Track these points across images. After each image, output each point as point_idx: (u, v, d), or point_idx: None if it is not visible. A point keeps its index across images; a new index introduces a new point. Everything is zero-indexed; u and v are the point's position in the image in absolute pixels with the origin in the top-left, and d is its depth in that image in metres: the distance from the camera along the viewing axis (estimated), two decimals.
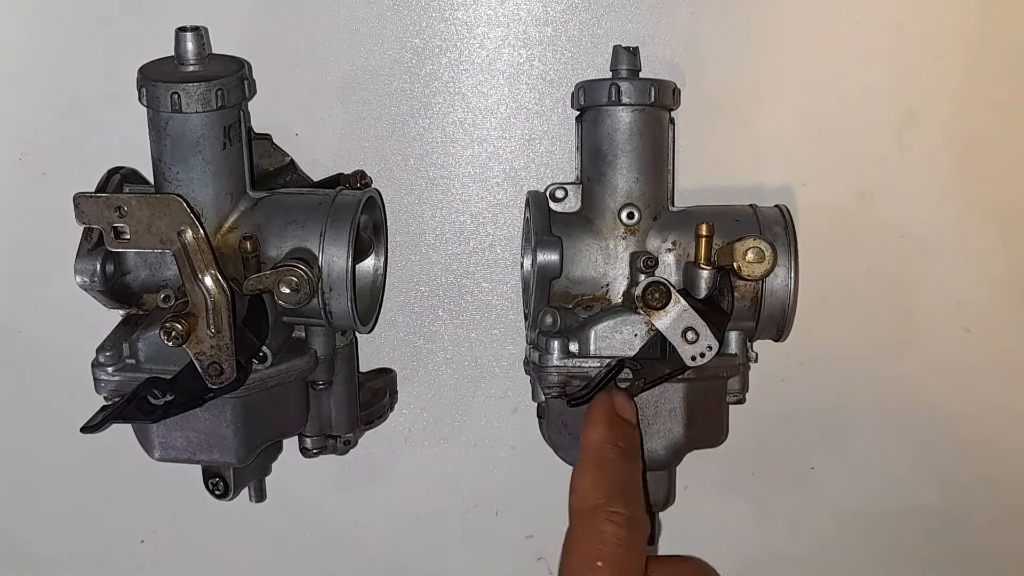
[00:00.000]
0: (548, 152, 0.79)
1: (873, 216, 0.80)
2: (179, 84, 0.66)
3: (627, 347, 0.69)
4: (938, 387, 0.84)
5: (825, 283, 0.80)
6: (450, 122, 0.78)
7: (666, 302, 0.67)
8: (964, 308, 0.82)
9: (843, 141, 0.79)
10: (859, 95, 0.78)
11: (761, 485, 0.86)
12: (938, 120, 0.79)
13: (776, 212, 0.73)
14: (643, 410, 0.71)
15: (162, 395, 0.66)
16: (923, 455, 0.85)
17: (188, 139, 0.68)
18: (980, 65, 0.78)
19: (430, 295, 0.81)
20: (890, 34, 0.77)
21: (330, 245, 0.68)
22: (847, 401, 0.84)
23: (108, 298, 0.70)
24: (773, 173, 0.79)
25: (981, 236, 0.81)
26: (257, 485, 0.78)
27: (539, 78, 0.78)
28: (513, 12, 0.77)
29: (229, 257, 0.68)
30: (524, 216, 0.77)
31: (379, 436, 0.82)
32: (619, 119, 0.71)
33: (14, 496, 0.86)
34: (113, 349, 0.69)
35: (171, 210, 0.63)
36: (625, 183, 0.71)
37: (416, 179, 0.79)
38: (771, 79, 0.78)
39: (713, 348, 0.67)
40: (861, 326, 0.82)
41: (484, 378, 0.82)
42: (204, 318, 0.64)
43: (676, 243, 0.71)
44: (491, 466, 0.85)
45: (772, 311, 0.71)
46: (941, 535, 0.87)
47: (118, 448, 0.75)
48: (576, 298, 0.72)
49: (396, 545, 0.87)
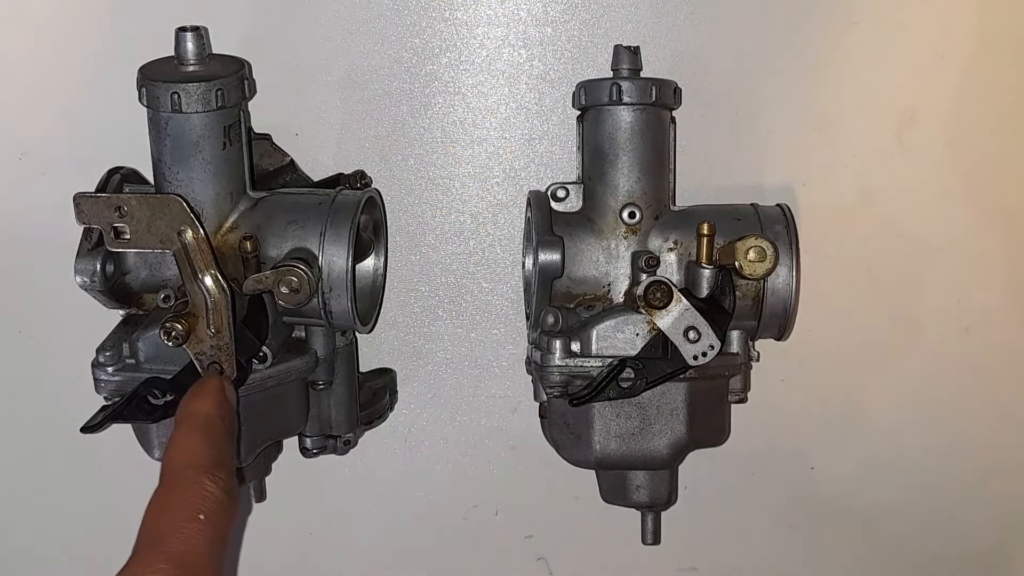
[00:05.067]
0: (548, 152, 0.79)
1: (873, 216, 0.80)
2: (179, 84, 0.66)
3: (629, 346, 0.69)
4: (938, 387, 0.84)
5: (825, 283, 0.80)
6: (450, 122, 0.78)
7: (668, 301, 0.67)
8: (964, 308, 0.82)
9: (843, 141, 0.79)
10: (859, 95, 0.78)
11: (761, 485, 0.86)
12: (938, 120, 0.79)
13: (777, 211, 0.73)
14: (645, 409, 0.71)
15: (162, 395, 0.66)
16: (923, 455, 0.85)
17: (188, 139, 0.67)
18: (980, 65, 0.78)
19: (430, 295, 0.81)
20: (890, 34, 0.77)
21: (330, 245, 0.68)
22: (847, 401, 0.84)
23: (108, 298, 0.70)
24: (773, 173, 0.79)
25: (981, 236, 0.81)
26: (257, 485, 0.78)
27: (539, 78, 0.78)
28: (513, 12, 0.77)
29: (229, 257, 0.68)
30: (525, 216, 0.77)
31: (379, 436, 0.82)
32: (620, 118, 0.71)
33: (14, 496, 0.86)
34: (113, 349, 0.69)
35: (171, 210, 0.63)
36: (626, 182, 0.71)
37: (416, 179, 0.79)
38: (771, 79, 0.78)
39: (715, 347, 0.67)
40: (861, 326, 0.82)
41: (484, 378, 0.82)
42: (204, 318, 0.64)
43: (678, 242, 0.71)
44: (491, 466, 0.85)
45: (774, 310, 0.71)
46: (941, 535, 0.87)
47: (118, 448, 0.75)
48: (578, 298, 0.72)
49: (396, 545, 0.87)
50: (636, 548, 0.76)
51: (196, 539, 0.52)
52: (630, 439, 0.71)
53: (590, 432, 0.71)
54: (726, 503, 0.86)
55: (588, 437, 0.71)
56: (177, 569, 0.50)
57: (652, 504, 0.74)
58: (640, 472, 0.73)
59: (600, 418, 0.71)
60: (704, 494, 0.84)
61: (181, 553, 0.51)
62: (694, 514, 0.84)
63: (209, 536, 0.52)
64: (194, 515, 0.53)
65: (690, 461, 0.74)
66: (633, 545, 0.76)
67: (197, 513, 0.53)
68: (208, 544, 0.52)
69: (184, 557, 0.51)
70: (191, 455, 0.57)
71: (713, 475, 0.84)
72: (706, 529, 0.86)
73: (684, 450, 0.72)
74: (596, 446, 0.71)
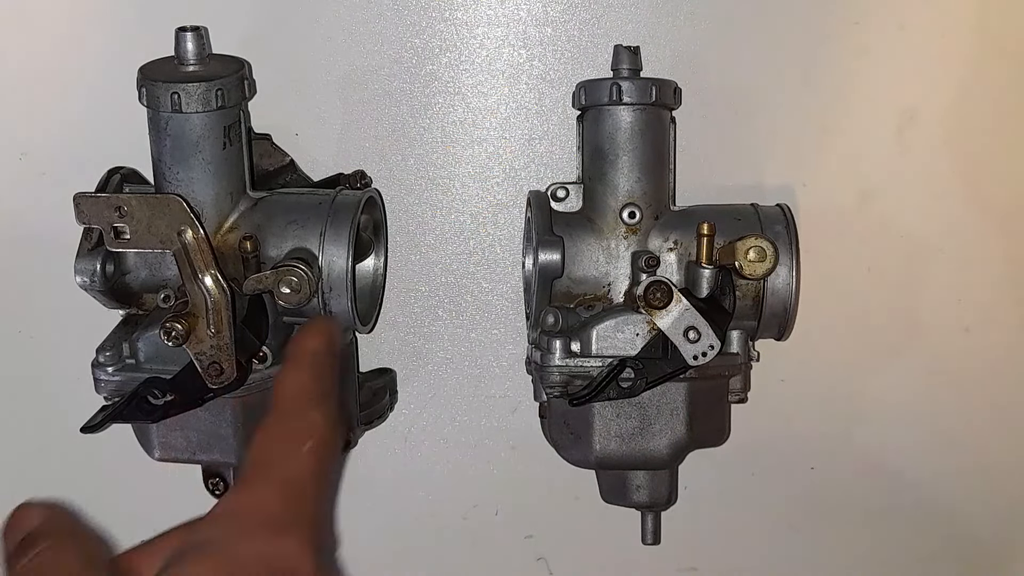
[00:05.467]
0: (548, 152, 0.79)
1: (873, 216, 0.80)
2: (179, 84, 0.66)
3: (629, 346, 0.69)
4: (938, 387, 0.84)
5: (825, 283, 0.80)
6: (450, 122, 0.78)
7: (668, 301, 0.67)
8: (964, 308, 0.82)
9: (843, 141, 0.79)
10: (859, 95, 0.78)
11: (761, 485, 0.86)
12: (938, 120, 0.79)
13: (777, 211, 0.73)
14: (645, 409, 0.71)
15: (162, 395, 0.66)
16: (923, 455, 0.85)
17: (188, 139, 0.67)
18: (980, 65, 0.78)
19: (430, 295, 0.81)
20: (890, 34, 0.77)
21: (330, 245, 0.68)
22: (847, 401, 0.84)
23: (108, 298, 0.70)
24: (773, 173, 0.79)
25: (981, 236, 0.81)
26: None
27: (539, 78, 0.78)
28: (513, 12, 0.77)
29: (229, 257, 0.68)
30: (526, 216, 0.77)
31: (379, 436, 0.82)
32: (620, 118, 0.71)
33: (14, 496, 0.86)
34: (113, 349, 0.69)
35: (171, 210, 0.63)
36: (626, 182, 0.71)
37: (416, 179, 0.79)
38: (771, 79, 0.78)
39: (715, 347, 0.67)
40: (861, 326, 0.82)
41: (484, 378, 0.82)
42: (204, 318, 0.64)
43: (678, 242, 0.71)
44: (491, 466, 0.85)
45: (774, 310, 0.71)
46: (941, 535, 0.87)
47: (118, 448, 0.75)
48: (578, 298, 0.72)
49: (396, 545, 0.87)
50: (636, 548, 0.76)
51: (303, 468, 0.52)
52: (630, 439, 0.71)
53: (590, 432, 0.71)
54: (726, 503, 0.86)
55: (588, 437, 0.71)
56: (284, 493, 0.51)
57: (652, 504, 0.74)
58: (640, 472, 0.73)
59: (600, 418, 0.71)
60: (704, 494, 0.84)
61: (288, 479, 0.51)
62: (694, 514, 0.84)
63: (315, 466, 0.53)
64: (301, 445, 0.53)
65: (690, 461, 0.74)
66: (633, 545, 0.76)
67: (304, 443, 0.53)
68: (313, 474, 0.53)
69: (291, 484, 0.51)
70: (301, 389, 0.57)
71: (713, 475, 0.84)
72: (706, 529, 0.86)
73: (684, 450, 0.72)
74: (596, 446, 0.71)
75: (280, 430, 0.55)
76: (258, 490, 0.51)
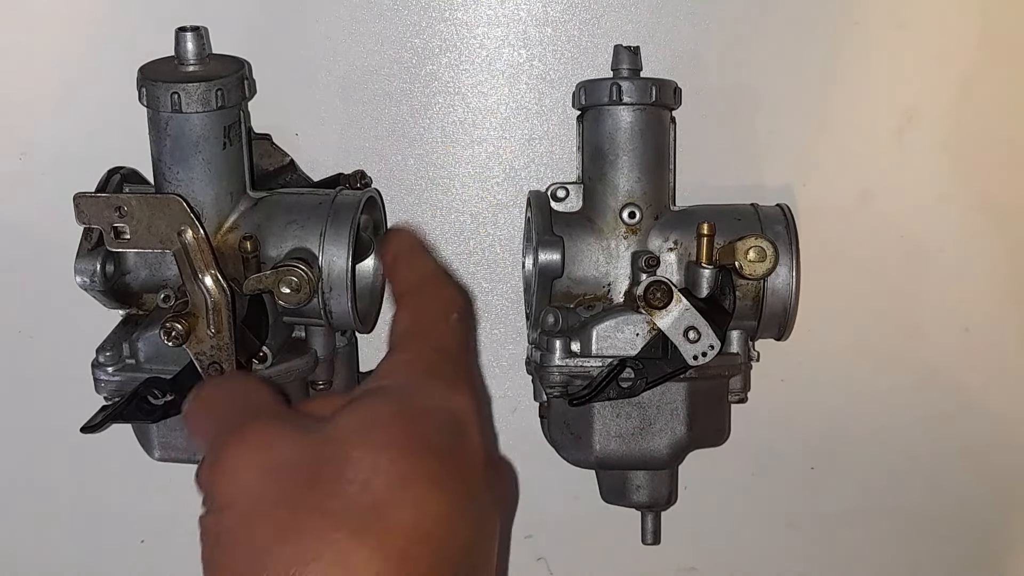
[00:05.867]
0: (548, 152, 0.79)
1: (873, 216, 0.80)
2: (179, 84, 0.66)
3: (629, 346, 0.69)
4: (938, 387, 0.84)
5: (825, 283, 0.80)
6: (450, 122, 0.78)
7: (668, 301, 0.67)
8: (964, 308, 0.82)
9: (843, 141, 0.79)
10: (859, 95, 0.78)
11: (761, 485, 0.86)
12: (938, 120, 0.79)
13: (777, 211, 0.73)
14: (645, 409, 0.71)
15: (162, 395, 0.66)
16: (923, 455, 0.85)
17: (188, 139, 0.67)
18: (980, 65, 0.78)
19: None
20: (890, 34, 0.77)
21: (330, 245, 0.68)
22: (847, 401, 0.84)
23: (108, 298, 0.70)
24: (773, 173, 0.79)
25: (981, 236, 0.81)
26: None
27: (539, 78, 0.78)
28: (513, 12, 0.77)
29: (229, 257, 0.68)
30: (526, 216, 0.77)
31: None
32: (620, 118, 0.71)
33: (14, 496, 0.86)
34: (113, 349, 0.69)
35: (171, 210, 0.63)
36: (626, 182, 0.71)
37: (416, 179, 0.79)
38: (771, 79, 0.78)
39: (715, 347, 0.67)
40: (861, 326, 0.82)
41: (484, 378, 0.82)
42: (204, 318, 0.64)
43: (678, 242, 0.71)
44: None
45: (774, 310, 0.71)
46: (941, 535, 0.87)
47: (118, 448, 0.75)
48: (578, 298, 0.72)
49: None
50: (636, 548, 0.76)
51: (452, 335, 0.54)
52: (630, 439, 0.71)
53: (590, 432, 0.71)
54: (726, 503, 0.86)
55: (588, 437, 0.71)
56: (440, 355, 0.52)
57: (652, 504, 0.74)
58: (640, 472, 0.73)
59: (600, 418, 0.71)
60: (704, 494, 0.84)
61: (443, 347, 0.53)
62: (694, 514, 0.84)
63: (462, 334, 0.54)
64: (448, 315, 0.55)
65: (690, 461, 0.74)
66: (633, 545, 0.76)
67: (451, 313, 0.55)
68: (461, 342, 0.54)
69: (447, 350, 0.53)
70: (430, 267, 0.59)
71: (713, 475, 0.84)
72: (706, 529, 0.86)
73: (684, 450, 0.72)
74: (596, 446, 0.71)
75: (422, 303, 0.56)
76: (424, 353, 0.52)
